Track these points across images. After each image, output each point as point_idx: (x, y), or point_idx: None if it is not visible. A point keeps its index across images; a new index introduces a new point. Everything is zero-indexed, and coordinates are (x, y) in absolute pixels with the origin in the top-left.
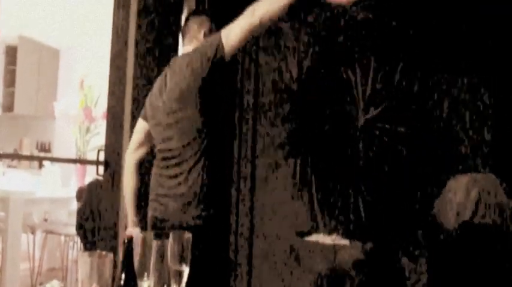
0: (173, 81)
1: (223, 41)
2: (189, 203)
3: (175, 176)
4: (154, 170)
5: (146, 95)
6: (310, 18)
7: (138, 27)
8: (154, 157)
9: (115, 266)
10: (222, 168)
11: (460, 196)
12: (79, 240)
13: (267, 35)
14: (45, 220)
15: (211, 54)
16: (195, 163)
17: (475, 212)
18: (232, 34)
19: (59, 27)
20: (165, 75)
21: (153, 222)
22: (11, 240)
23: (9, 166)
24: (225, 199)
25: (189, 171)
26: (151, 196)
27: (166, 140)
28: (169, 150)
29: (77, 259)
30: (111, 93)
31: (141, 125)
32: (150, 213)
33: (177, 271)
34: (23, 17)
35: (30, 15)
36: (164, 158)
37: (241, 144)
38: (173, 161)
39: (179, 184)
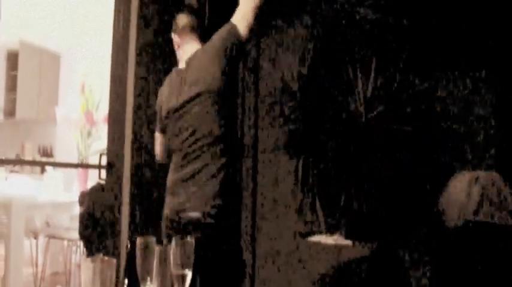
0: (194, 77)
1: (237, 24)
2: (207, 194)
3: (196, 170)
4: (172, 171)
5: (147, 98)
6: (311, 17)
7: (139, 29)
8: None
9: (118, 270)
10: (237, 163)
11: (462, 194)
12: (82, 244)
13: (268, 34)
14: (48, 225)
15: (230, 41)
16: (214, 156)
17: (477, 210)
18: (243, 16)
19: (59, 30)
20: (183, 72)
21: (170, 215)
22: (13, 245)
23: (12, 171)
24: (238, 193)
25: (209, 164)
26: (168, 191)
27: (189, 136)
28: (191, 146)
29: (80, 264)
30: (112, 97)
31: (160, 139)
32: (166, 210)
33: (179, 275)
34: (24, 22)
35: (30, 20)
36: (184, 156)
37: (243, 144)
38: (193, 156)
39: (199, 176)
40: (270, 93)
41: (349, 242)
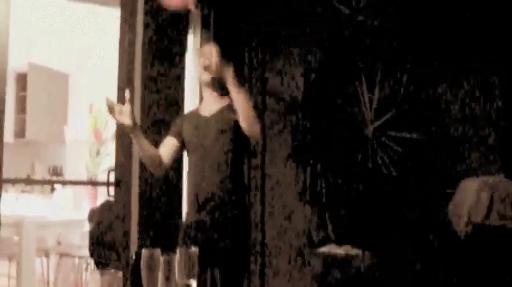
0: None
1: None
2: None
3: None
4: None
5: (154, 114)
6: (315, 28)
7: (145, 46)
8: None
9: (125, 283)
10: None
11: (471, 199)
12: (93, 261)
13: (273, 46)
14: (59, 243)
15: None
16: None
17: (487, 215)
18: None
19: (67, 51)
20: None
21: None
22: (25, 264)
23: (23, 191)
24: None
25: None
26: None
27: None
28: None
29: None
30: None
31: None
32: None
33: (184, 285)
34: (32, 45)
35: (39, 42)
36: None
37: (251, 155)
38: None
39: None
40: (277, 104)
41: (359, 251)
